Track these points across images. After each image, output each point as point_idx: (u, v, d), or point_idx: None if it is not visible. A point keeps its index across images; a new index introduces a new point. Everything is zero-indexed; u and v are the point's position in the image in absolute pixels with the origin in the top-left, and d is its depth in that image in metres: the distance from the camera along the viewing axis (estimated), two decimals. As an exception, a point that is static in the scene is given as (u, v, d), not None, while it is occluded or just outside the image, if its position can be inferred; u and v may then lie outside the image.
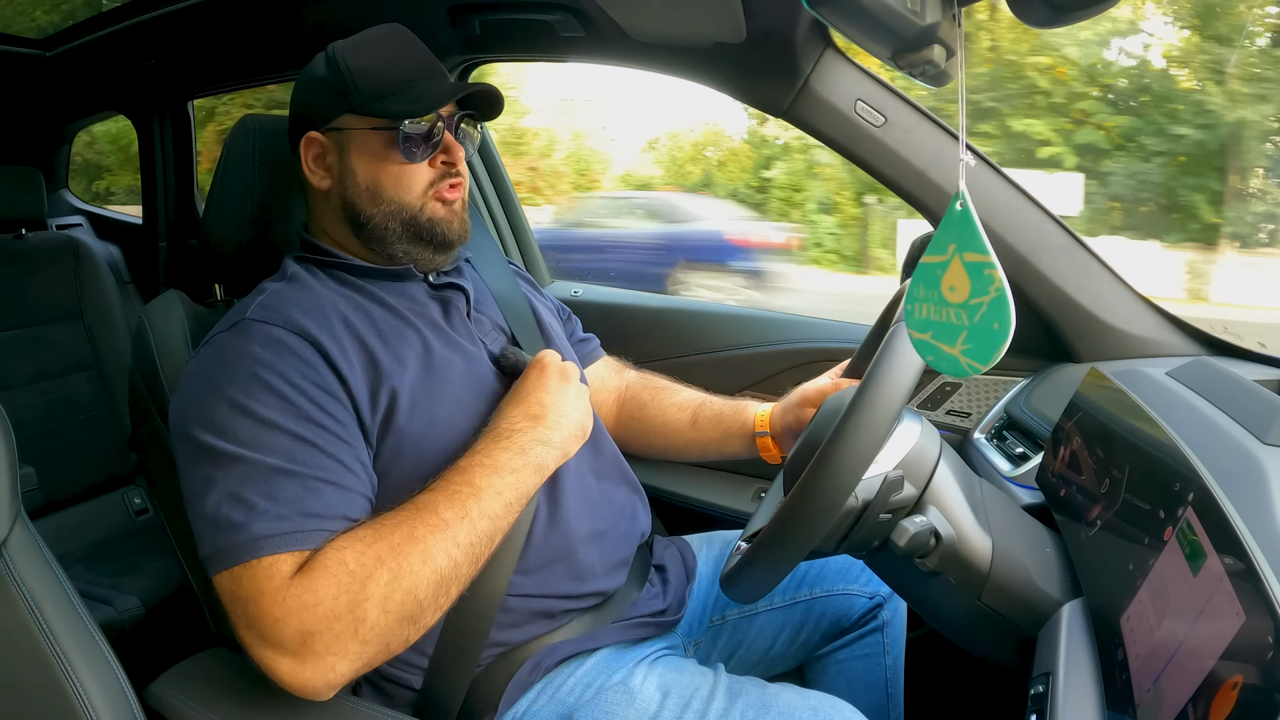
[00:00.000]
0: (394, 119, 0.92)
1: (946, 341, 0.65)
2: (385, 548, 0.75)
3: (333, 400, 0.82)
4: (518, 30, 1.51)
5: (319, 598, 0.72)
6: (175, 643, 1.03)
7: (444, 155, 0.95)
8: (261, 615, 0.73)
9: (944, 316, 0.65)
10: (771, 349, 1.62)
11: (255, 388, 0.79)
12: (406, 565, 0.75)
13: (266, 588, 0.73)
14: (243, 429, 0.78)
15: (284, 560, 0.74)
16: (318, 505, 0.77)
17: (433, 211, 0.95)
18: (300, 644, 0.72)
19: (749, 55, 1.30)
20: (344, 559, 0.74)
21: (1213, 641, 0.55)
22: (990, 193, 1.29)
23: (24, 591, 0.80)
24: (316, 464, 0.78)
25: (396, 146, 0.92)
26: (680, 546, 1.15)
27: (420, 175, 0.95)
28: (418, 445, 0.86)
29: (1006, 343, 0.61)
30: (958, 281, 0.64)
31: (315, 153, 0.96)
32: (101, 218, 2.69)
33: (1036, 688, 0.73)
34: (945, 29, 0.64)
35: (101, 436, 2.06)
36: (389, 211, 0.94)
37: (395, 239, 0.95)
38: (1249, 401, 0.80)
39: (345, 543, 0.76)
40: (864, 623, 1.16)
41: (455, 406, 0.90)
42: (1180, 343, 1.29)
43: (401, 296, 0.96)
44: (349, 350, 0.85)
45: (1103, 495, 0.82)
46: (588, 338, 1.28)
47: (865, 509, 0.79)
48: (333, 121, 0.95)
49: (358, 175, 0.94)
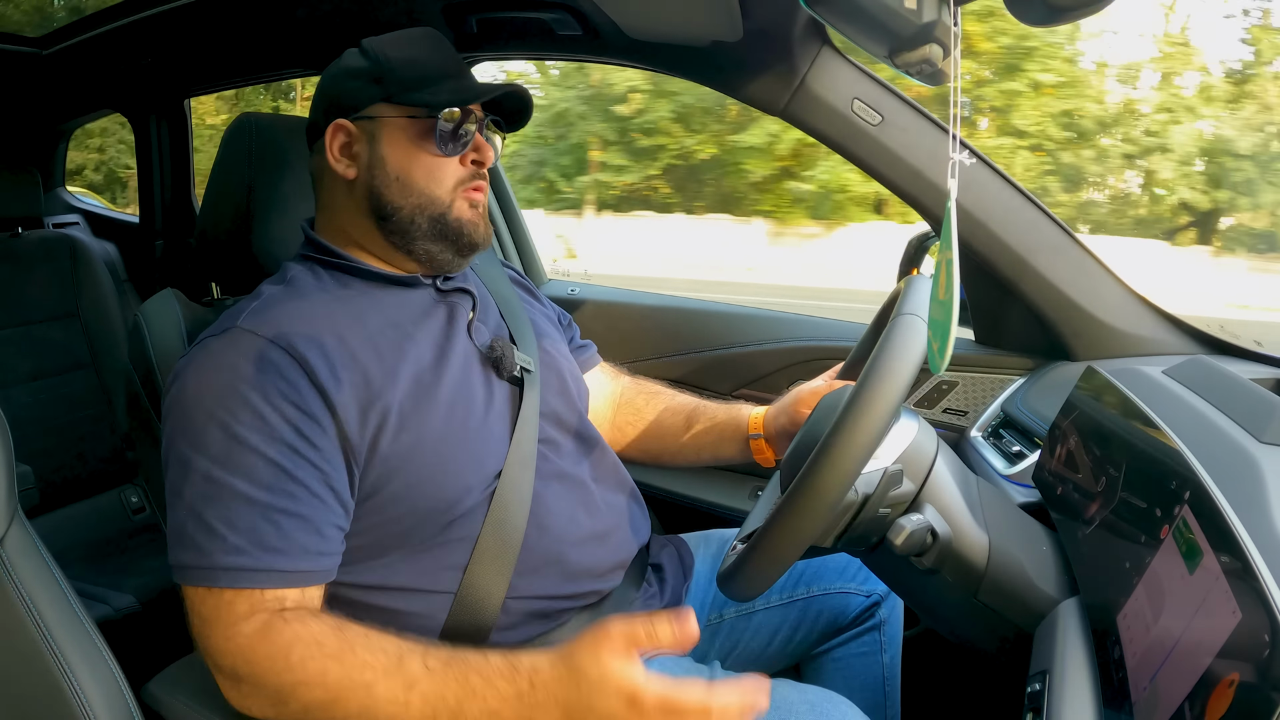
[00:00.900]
0: (432, 108, 0.91)
1: (936, 338, 0.69)
2: (340, 673, 0.74)
3: (312, 423, 0.81)
4: (514, 29, 1.51)
5: (258, 660, 0.75)
6: (172, 641, 1.03)
7: (475, 154, 0.94)
8: (211, 639, 0.77)
9: (937, 314, 0.70)
10: (768, 347, 1.62)
11: (235, 403, 0.79)
12: (343, 703, 0.74)
13: (222, 618, 0.77)
14: (216, 444, 0.78)
15: (242, 600, 0.77)
16: (276, 539, 0.77)
17: (460, 212, 0.94)
18: (232, 675, 0.77)
19: (746, 54, 1.30)
20: (294, 647, 0.75)
21: (1209, 639, 0.55)
22: (987, 192, 1.29)
23: (21, 590, 0.80)
24: (282, 490, 0.78)
25: (431, 137, 0.91)
26: (677, 545, 1.15)
27: (451, 170, 0.93)
28: (405, 463, 0.85)
29: (950, 342, 0.66)
30: (943, 278, 0.68)
31: (342, 141, 0.94)
32: (98, 216, 2.69)
33: (1033, 685, 0.73)
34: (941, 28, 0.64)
35: (98, 435, 2.05)
36: (417, 205, 0.93)
37: (420, 235, 0.93)
38: (1246, 400, 0.81)
39: (312, 630, 0.76)
40: (861, 621, 1.16)
41: (445, 424, 0.88)
42: (1177, 341, 1.29)
43: (405, 303, 0.95)
44: (339, 368, 0.84)
45: (1099, 493, 0.83)
46: (585, 344, 1.27)
47: (864, 503, 0.79)
48: (365, 110, 0.93)
49: (388, 164, 0.92)
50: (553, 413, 0.99)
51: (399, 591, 0.88)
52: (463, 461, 0.88)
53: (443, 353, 0.92)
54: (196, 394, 0.80)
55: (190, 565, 0.77)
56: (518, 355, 0.97)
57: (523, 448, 0.92)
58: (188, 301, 1.06)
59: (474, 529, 0.88)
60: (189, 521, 0.77)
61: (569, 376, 1.06)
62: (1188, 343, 1.30)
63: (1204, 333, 1.29)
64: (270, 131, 1.06)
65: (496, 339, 0.97)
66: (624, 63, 1.51)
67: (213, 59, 2.02)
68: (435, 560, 0.88)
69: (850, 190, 10.43)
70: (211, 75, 2.17)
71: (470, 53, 1.64)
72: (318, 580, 0.81)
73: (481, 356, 0.95)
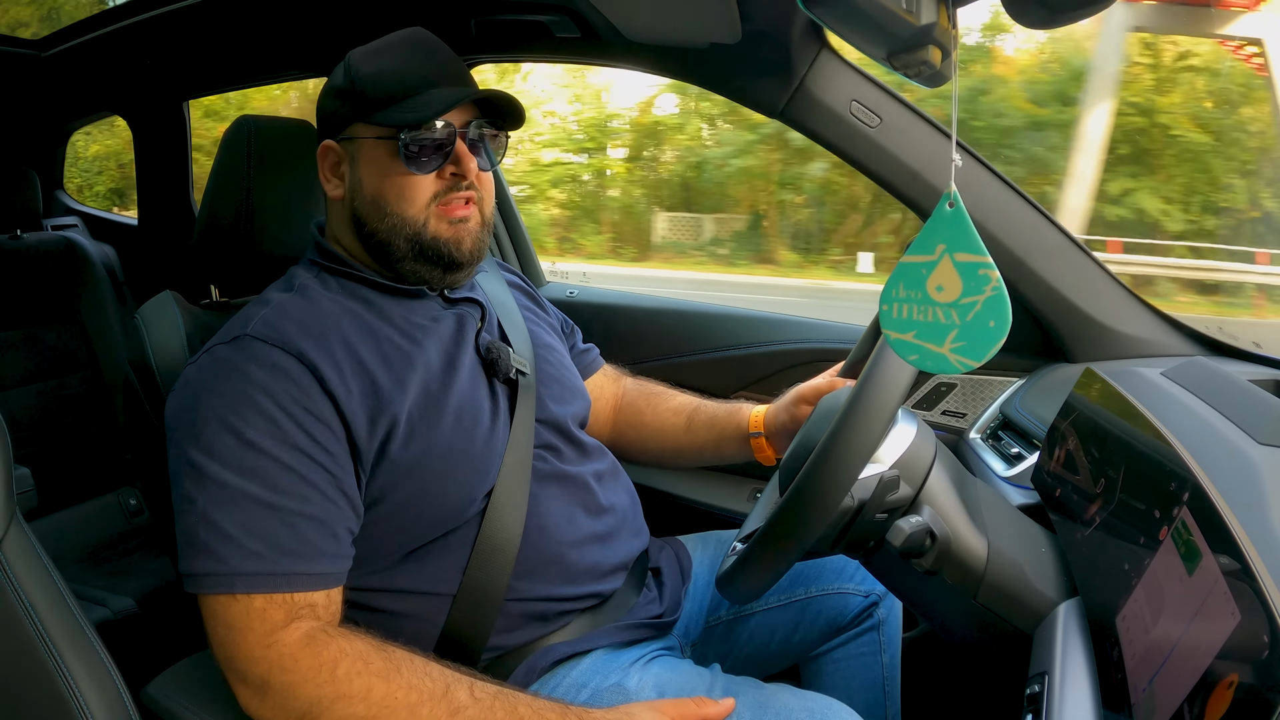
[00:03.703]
0: (395, 127, 0.89)
1: (933, 341, 0.66)
2: (384, 691, 0.75)
3: (323, 427, 0.81)
4: (513, 31, 1.51)
5: (299, 670, 0.75)
6: (171, 644, 1.03)
7: (453, 166, 0.92)
8: (242, 647, 0.76)
9: (929, 316, 0.66)
10: (767, 349, 1.62)
11: (246, 409, 0.79)
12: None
13: (256, 626, 0.76)
14: (229, 450, 0.78)
15: (276, 606, 0.76)
16: (293, 541, 0.78)
17: (436, 230, 0.91)
18: (260, 684, 0.76)
19: (744, 56, 1.30)
20: (341, 661, 0.75)
21: (1208, 641, 0.55)
22: (985, 193, 1.29)
23: (20, 593, 0.79)
24: (297, 494, 0.79)
25: (399, 156, 0.90)
26: (675, 547, 1.15)
27: (423, 187, 0.91)
28: (412, 472, 0.85)
29: (1002, 339, 0.62)
30: (947, 281, 0.65)
31: (331, 161, 0.95)
32: (97, 218, 2.68)
33: (1032, 687, 0.73)
34: (940, 30, 0.64)
35: (97, 437, 2.05)
36: (392, 226, 0.91)
37: (402, 256, 0.92)
38: (1244, 401, 0.81)
39: (358, 646, 0.77)
40: (859, 621, 1.16)
41: (452, 434, 0.88)
42: (1175, 343, 1.29)
43: (413, 313, 0.94)
44: (348, 376, 0.84)
45: (1098, 495, 0.83)
46: (588, 348, 1.28)
47: (861, 509, 0.79)
48: (345, 130, 0.93)
49: (364, 186, 0.92)
50: (553, 420, 0.99)
51: (398, 594, 0.88)
52: (467, 472, 0.88)
53: (451, 362, 0.92)
54: (207, 401, 0.80)
55: (206, 573, 0.76)
56: (513, 357, 0.97)
57: (519, 449, 0.92)
58: (186, 303, 1.06)
59: (472, 531, 0.88)
60: (202, 528, 0.77)
61: (569, 385, 1.06)
62: (1186, 344, 1.30)
63: (1202, 334, 1.29)
64: (269, 134, 1.06)
65: (492, 341, 0.97)
66: (623, 65, 1.51)
67: (212, 61, 2.02)
68: (434, 562, 0.88)
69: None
70: (210, 78, 2.18)
71: (469, 55, 1.64)
72: (334, 583, 0.81)
73: (484, 363, 0.96)
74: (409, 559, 0.88)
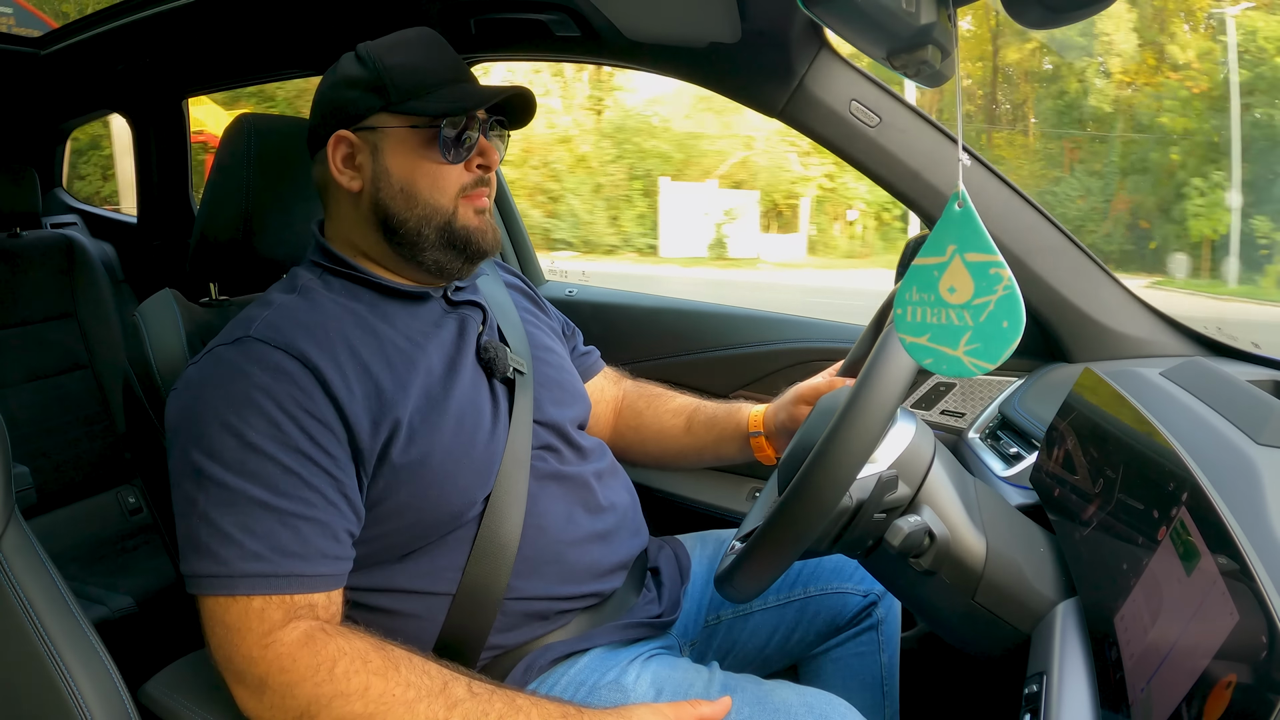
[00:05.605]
0: (434, 117, 0.90)
1: (947, 343, 0.65)
2: (382, 689, 0.75)
3: (325, 430, 0.81)
4: (513, 30, 1.51)
5: (297, 669, 0.75)
6: (169, 642, 1.03)
7: (480, 159, 0.93)
8: (240, 647, 0.76)
9: (943, 318, 0.65)
10: (766, 349, 1.62)
11: (248, 411, 0.79)
12: (380, 719, 0.75)
13: (255, 626, 0.76)
14: (230, 451, 0.78)
15: (274, 607, 0.76)
16: (294, 543, 0.78)
17: (465, 219, 0.93)
18: (258, 684, 0.76)
19: (744, 55, 1.30)
20: (339, 660, 0.75)
21: (1206, 641, 0.55)
22: (985, 193, 1.29)
23: (18, 591, 0.80)
24: (298, 496, 0.78)
25: (435, 145, 0.90)
26: (674, 546, 1.15)
27: (454, 177, 0.92)
28: (413, 475, 0.85)
29: (1017, 340, 0.62)
30: (959, 282, 0.64)
31: (345, 153, 0.93)
32: (96, 216, 2.68)
33: (1030, 687, 0.73)
34: (940, 29, 0.64)
35: (96, 436, 2.05)
36: (422, 215, 0.91)
37: (428, 245, 0.92)
38: (1243, 402, 0.81)
39: (356, 645, 0.77)
40: (858, 621, 1.16)
41: (454, 437, 0.88)
42: (1174, 343, 1.30)
43: (416, 316, 0.95)
44: (351, 379, 0.84)
45: (1097, 495, 0.83)
46: (589, 351, 1.28)
47: (859, 508, 0.79)
48: (366, 120, 0.92)
49: (393, 176, 0.91)
50: (552, 422, 0.99)
51: (398, 593, 0.88)
52: (468, 475, 0.88)
53: (453, 365, 0.92)
54: (209, 402, 0.80)
55: (208, 574, 0.76)
56: (510, 356, 0.97)
57: (517, 448, 0.93)
58: (186, 302, 1.06)
59: (472, 531, 0.89)
60: (203, 530, 0.77)
61: (569, 388, 1.06)
62: (1185, 344, 1.30)
63: (1201, 334, 1.29)
64: (269, 132, 1.05)
65: (489, 340, 0.97)
66: (622, 64, 1.51)
67: (210, 60, 2.02)
68: (434, 562, 0.88)
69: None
70: (209, 76, 2.18)
71: (469, 54, 1.64)
72: (335, 585, 0.81)
73: (484, 364, 0.96)
74: (408, 559, 0.88)
